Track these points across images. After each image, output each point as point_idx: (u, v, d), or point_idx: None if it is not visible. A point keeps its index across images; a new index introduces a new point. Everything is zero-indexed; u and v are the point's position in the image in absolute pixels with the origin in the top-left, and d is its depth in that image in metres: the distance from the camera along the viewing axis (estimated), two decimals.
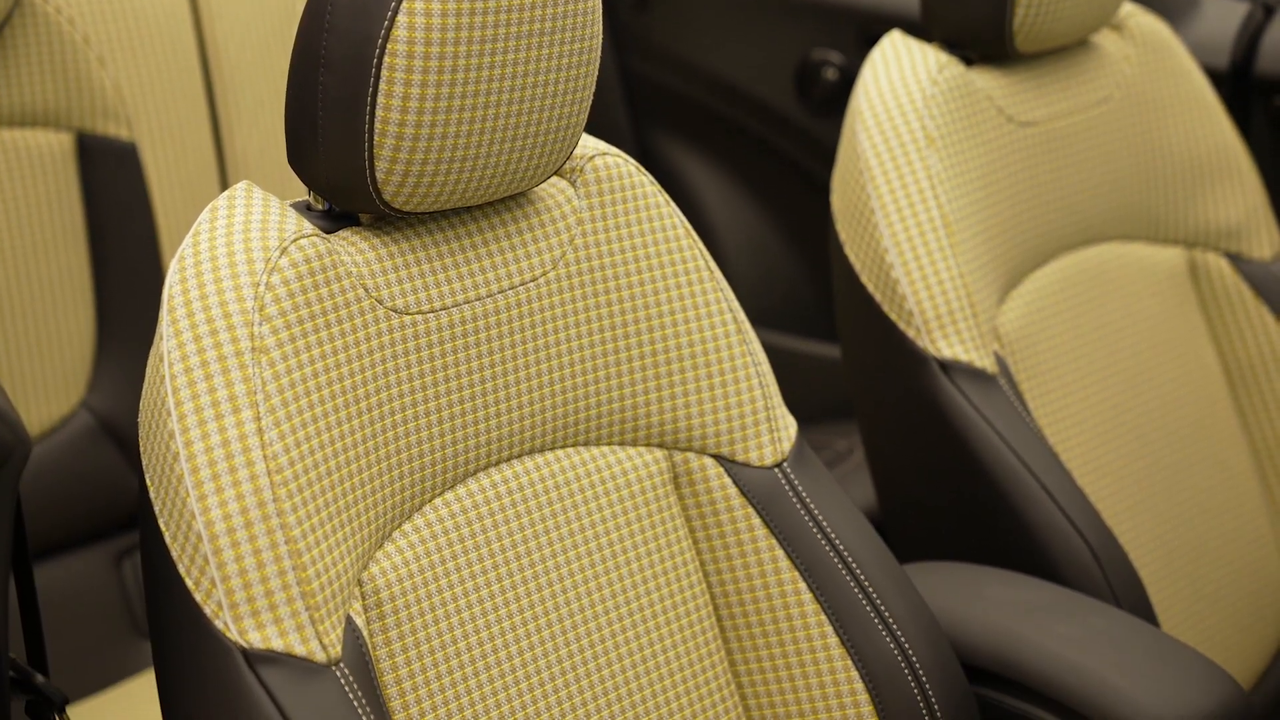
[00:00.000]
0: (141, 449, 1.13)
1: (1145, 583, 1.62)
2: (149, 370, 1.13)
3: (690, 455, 1.32)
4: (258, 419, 1.10)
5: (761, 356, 1.36)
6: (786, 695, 1.32)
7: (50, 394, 1.88)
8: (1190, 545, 1.72)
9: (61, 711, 1.22)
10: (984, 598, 1.46)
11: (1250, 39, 2.15)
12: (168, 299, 1.13)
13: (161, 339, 1.12)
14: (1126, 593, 1.54)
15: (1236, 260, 1.81)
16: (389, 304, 1.19)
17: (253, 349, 1.12)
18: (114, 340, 1.91)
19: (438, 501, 1.22)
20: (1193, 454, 1.75)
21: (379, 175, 1.16)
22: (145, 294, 1.88)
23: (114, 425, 1.89)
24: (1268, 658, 1.78)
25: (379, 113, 1.14)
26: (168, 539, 1.10)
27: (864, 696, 1.30)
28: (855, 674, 1.30)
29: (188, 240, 1.16)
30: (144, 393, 1.14)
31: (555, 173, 1.27)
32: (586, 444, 1.29)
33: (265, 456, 1.10)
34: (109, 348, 1.90)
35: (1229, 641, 1.72)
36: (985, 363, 1.59)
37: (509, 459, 1.25)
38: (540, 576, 1.24)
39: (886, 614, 1.32)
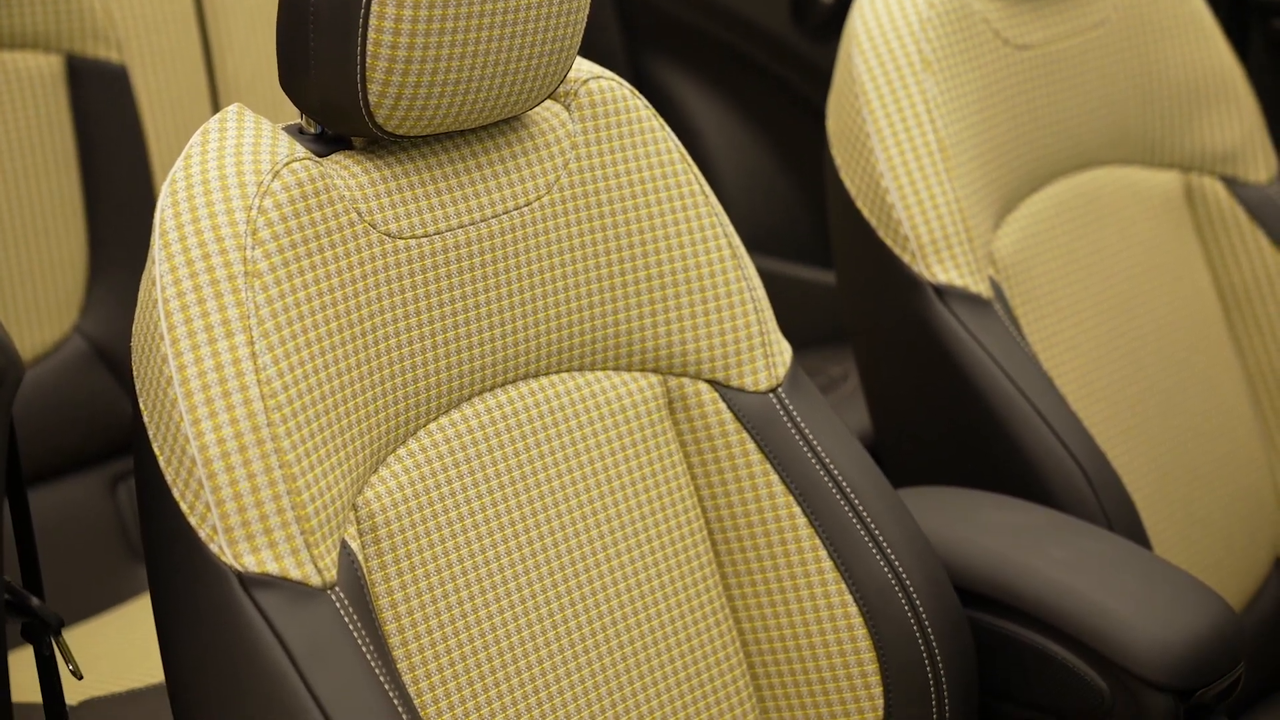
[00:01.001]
0: (134, 373, 1.13)
1: (1138, 506, 1.62)
2: (141, 294, 1.13)
3: (685, 380, 1.32)
4: (251, 343, 1.10)
5: (756, 282, 1.36)
6: (780, 619, 1.32)
7: (43, 319, 1.87)
8: (1183, 469, 1.72)
9: (58, 634, 1.23)
10: (977, 521, 1.46)
11: None
12: (159, 222, 1.13)
13: (153, 263, 1.12)
14: (1119, 516, 1.54)
15: (1232, 184, 1.81)
16: (382, 228, 1.18)
17: (245, 273, 1.11)
18: (106, 264, 1.90)
19: (432, 426, 1.22)
20: (1186, 378, 1.75)
21: (371, 98, 1.15)
22: (137, 217, 1.87)
23: (107, 350, 1.89)
24: (1259, 580, 1.79)
25: (371, 34, 1.13)
26: (162, 463, 1.10)
27: (858, 620, 1.31)
28: (849, 598, 1.31)
29: (179, 163, 1.15)
30: (136, 317, 1.14)
31: (549, 96, 1.26)
32: (581, 369, 1.29)
33: (259, 381, 1.10)
34: (101, 272, 1.90)
35: (1221, 564, 1.73)
36: (980, 288, 1.58)
37: (504, 384, 1.25)
38: (535, 501, 1.24)
39: (881, 538, 1.32)
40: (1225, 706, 1.37)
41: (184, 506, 1.10)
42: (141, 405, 1.12)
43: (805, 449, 1.33)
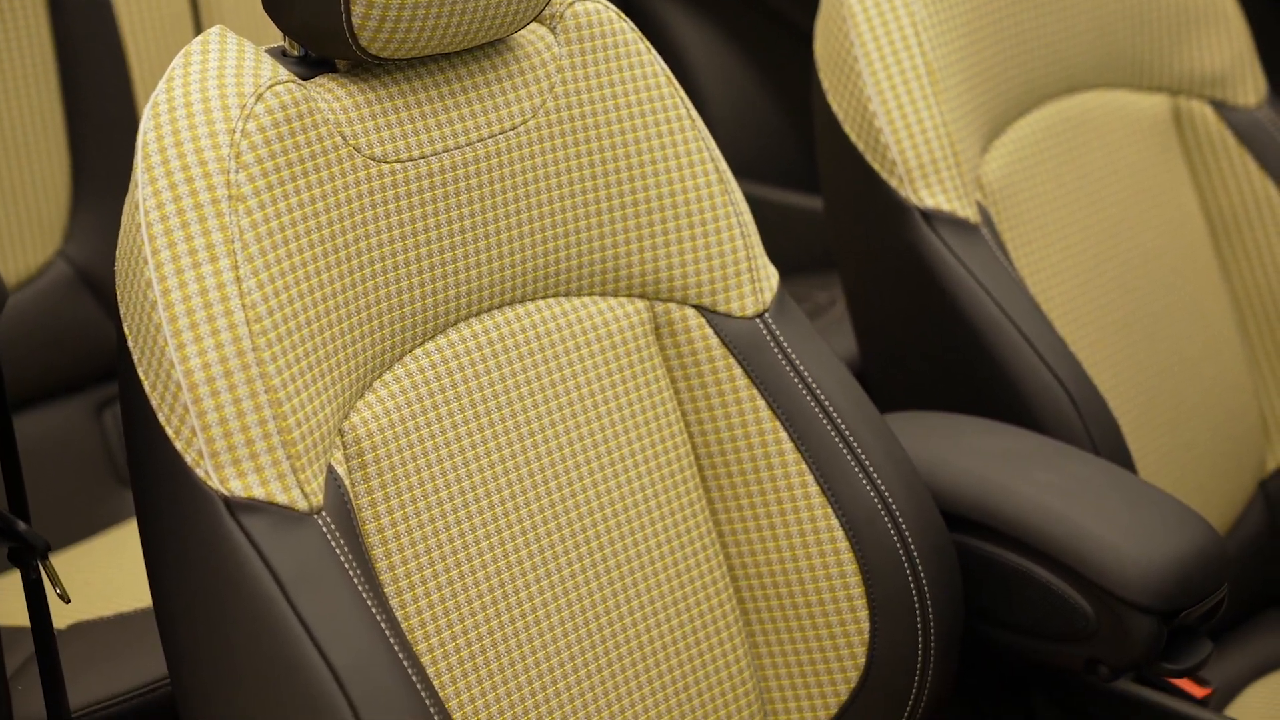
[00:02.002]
0: (119, 298, 1.13)
1: (1124, 430, 1.62)
2: (125, 218, 1.13)
3: (672, 306, 1.32)
4: (235, 268, 1.10)
5: (743, 206, 1.35)
6: (767, 543, 1.32)
7: (26, 243, 1.86)
8: (1169, 393, 1.72)
9: (44, 558, 1.23)
10: (963, 446, 1.46)
11: None
12: (142, 146, 1.12)
13: (136, 186, 1.11)
14: (1105, 440, 1.55)
15: (1221, 107, 1.80)
16: (367, 152, 1.18)
17: (229, 197, 1.11)
18: (90, 188, 1.89)
19: (418, 351, 1.21)
20: (1173, 303, 1.75)
21: (355, 20, 1.14)
22: (120, 141, 1.86)
23: (91, 275, 1.89)
24: (1243, 503, 1.80)
25: None
26: (147, 388, 1.10)
27: (844, 544, 1.31)
28: (835, 522, 1.31)
29: (161, 86, 1.14)
30: (120, 241, 1.13)
31: (535, 19, 1.25)
32: (568, 294, 1.29)
33: (244, 305, 1.10)
34: (85, 196, 1.89)
35: (1206, 488, 1.74)
36: (968, 212, 1.58)
37: (490, 309, 1.25)
38: (521, 426, 1.24)
39: (866, 462, 1.32)
40: (1208, 628, 1.38)
41: (170, 431, 1.09)
42: (126, 330, 1.12)
43: (792, 374, 1.33)
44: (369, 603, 1.09)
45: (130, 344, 1.11)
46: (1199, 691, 1.48)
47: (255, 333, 1.09)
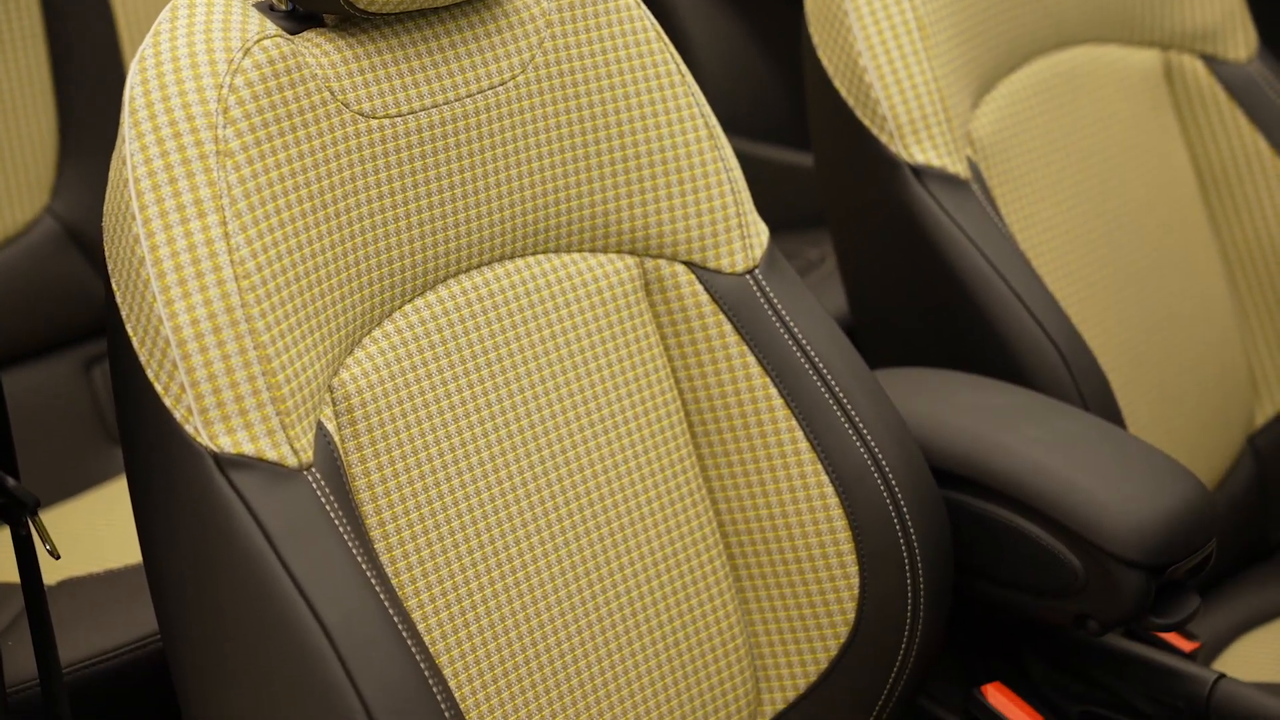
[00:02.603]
0: (106, 254, 1.12)
1: (1113, 386, 1.63)
2: (112, 174, 1.12)
3: (662, 262, 1.32)
4: (224, 223, 1.09)
5: (733, 162, 1.35)
6: (757, 499, 1.33)
7: (13, 200, 1.86)
8: (1158, 349, 1.73)
9: (34, 514, 1.23)
10: (953, 402, 1.47)
11: None
12: (128, 101, 1.11)
13: (123, 141, 1.11)
14: (1094, 396, 1.55)
15: (1212, 62, 1.80)
16: (355, 107, 1.17)
17: (217, 152, 1.10)
18: (76, 144, 1.88)
19: (408, 308, 1.21)
20: (1163, 259, 1.75)
21: None
22: (107, 96, 1.85)
23: (79, 231, 1.88)
24: (1231, 458, 1.80)
25: None
26: (135, 344, 1.10)
27: (833, 500, 1.31)
28: (825, 478, 1.31)
29: (148, 41, 1.14)
30: (107, 196, 1.13)
31: None
32: (557, 250, 1.28)
33: (232, 261, 1.09)
34: (71, 152, 1.88)
35: (1194, 443, 1.74)
36: (958, 168, 1.58)
37: (479, 265, 1.25)
38: (511, 383, 1.24)
39: (856, 418, 1.32)
40: (1196, 583, 1.38)
41: (159, 388, 1.09)
42: (114, 286, 1.11)
43: (782, 331, 1.33)
44: (359, 558, 1.09)
45: (118, 300, 1.11)
46: (1187, 645, 1.48)
47: (244, 289, 1.09)
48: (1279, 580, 1.82)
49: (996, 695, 1.42)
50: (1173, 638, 1.48)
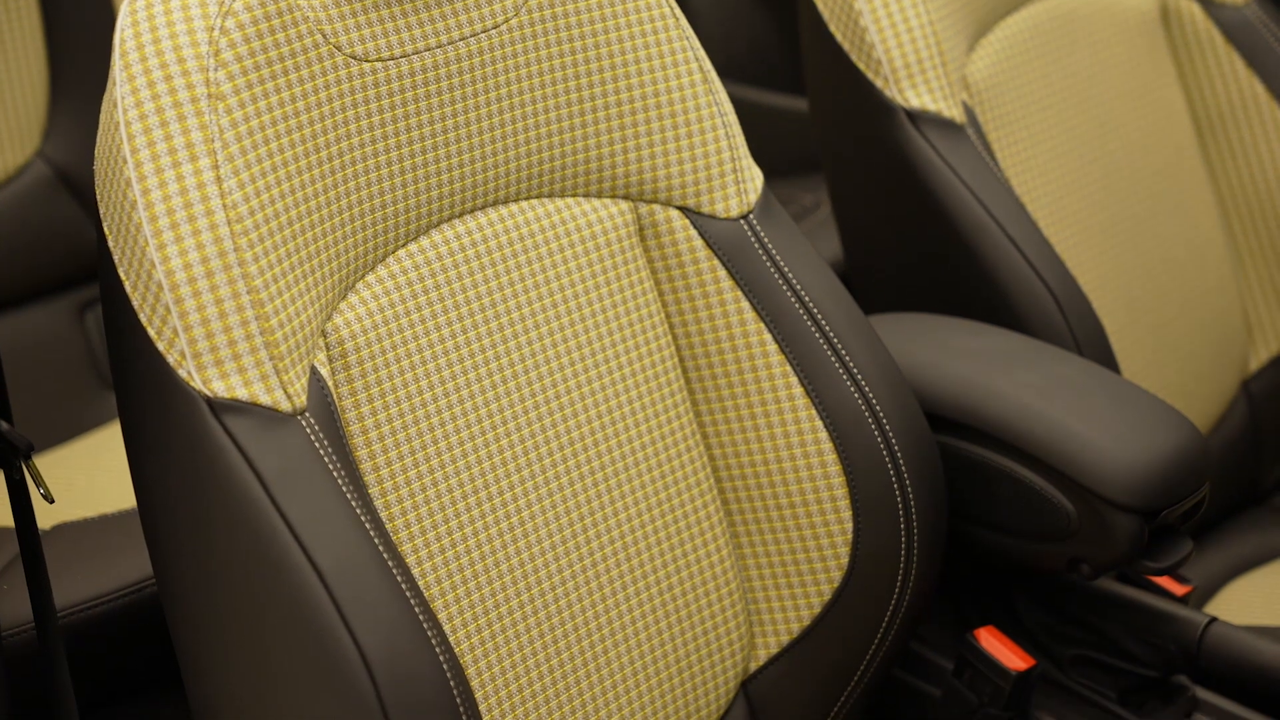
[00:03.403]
0: (98, 198, 1.12)
1: (1108, 331, 1.63)
2: (103, 117, 1.11)
3: (656, 207, 1.31)
4: (216, 167, 1.09)
5: (728, 107, 1.34)
6: (751, 445, 1.33)
7: (4, 144, 1.85)
8: (1153, 294, 1.73)
9: (28, 458, 1.23)
10: (947, 347, 1.46)
11: None
12: (119, 43, 1.11)
13: (114, 84, 1.10)
14: (1089, 341, 1.55)
15: (1209, 5, 1.79)
16: (348, 50, 1.16)
17: (208, 95, 1.09)
18: (68, 88, 1.88)
19: (401, 253, 1.21)
20: (1158, 203, 1.75)
21: None
22: (98, 40, 1.84)
23: (71, 175, 1.87)
24: (1225, 403, 1.81)
25: None
26: (128, 288, 1.10)
27: (828, 445, 1.31)
28: (819, 423, 1.31)
29: None
30: (98, 140, 1.12)
31: None
32: (551, 195, 1.28)
33: (225, 205, 1.09)
34: (63, 96, 1.87)
35: (1188, 388, 1.74)
36: (953, 112, 1.57)
37: (473, 210, 1.24)
38: (506, 328, 1.24)
39: (850, 363, 1.32)
40: (1188, 527, 1.38)
41: (151, 332, 1.09)
42: (106, 230, 1.11)
43: (776, 276, 1.32)
44: (353, 503, 1.09)
45: (111, 244, 1.11)
46: (1179, 589, 1.49)
47: (236, 233, 1.09)
48: (1271, 525, 1.82)
49: (989, 639, 1.42)
50: (1165, 581, 1.49)
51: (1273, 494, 1.87)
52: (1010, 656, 1.41)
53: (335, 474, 1.10)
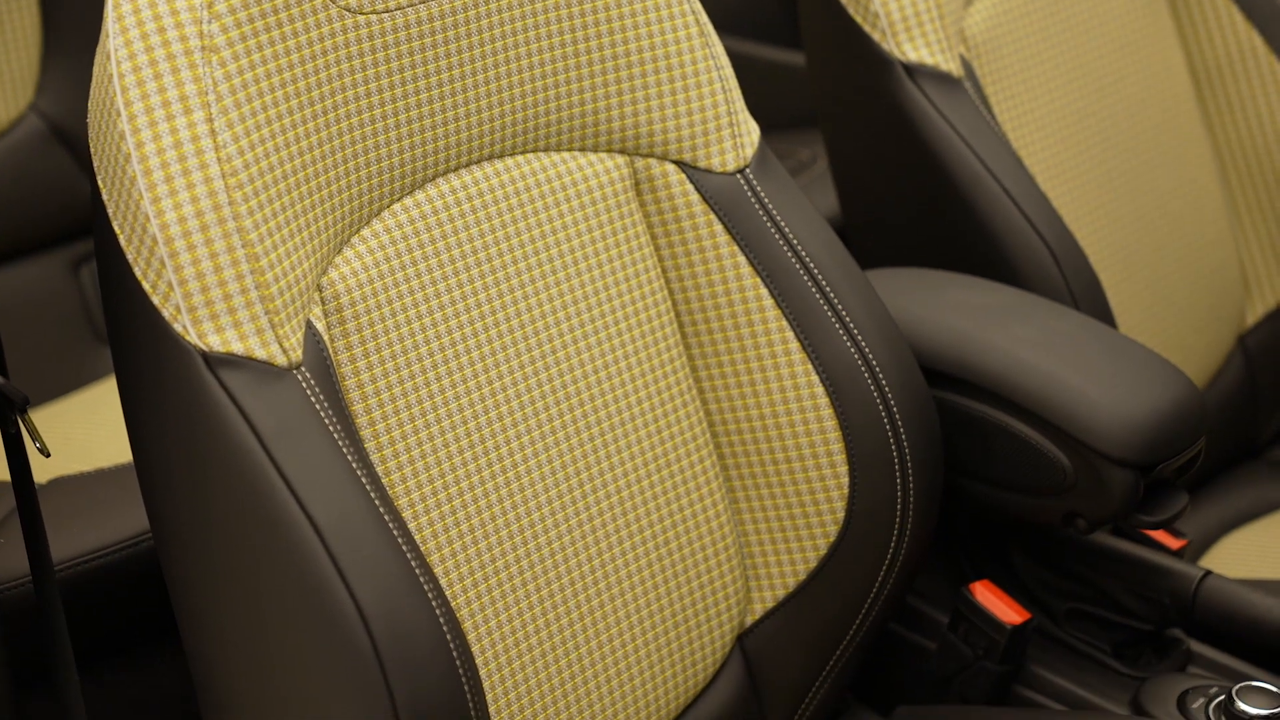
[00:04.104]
0: (92, 151, 1.11)
1: (1104, 285, 1.63)
2: (96, 69, 1.11)
3: (652, 161, 1.31)
4: (210, 120, 1.08)
5: (724, 61, 1.34)
6: (748, 399, 1.33)
7: None
8: (1149, 248, 1.72)
9: (23, 412, 1.23)
10: (943, 301, 1.46)
11: None
12: None
13: (108, 37, 1.09)
14: (1085, 295, 1.55)
15: None
16: (342, 2, 1.16)
17: (202, 48, 1.09)
18: (61, 40, 1.87)
19: (396, 207, 1.20)
20: (1156, 157, 1.74)
21: None
22: None
23: (64, 129, 1.87)
24: (1222, 357, 1.81)
25: None
26: (123, 242, 1.09)
27: (824, 400, 1.31)
28: (815, 377, 1.31)
29: None
30: (92, 93, 1.12)
31: None
32: (547, 149, 1.28)
33: (219, 159, 1.08)
34: (56, 48, 1.87)
35: (1185, 342, 1.74)
36: (950, 66, 1.57)
37: (468, 164, 1.24)
38: (501, 282, 1.23)
39: (847, 318, 1.32)
40: (1184, 481, 1.39)
41: (146, 286, 1.09)
42: (100, 184, 1.11)
43: (772, 230, 1.32)
44: (349, 457, 1.09)
45: (105, 198, 1.10)
46: (1175, 543, 1.49)
47: (231, 186, 1.08)
48: (1267, 479, 1.83)
49: (984, 593, 1.43)
50: (1160, 535, 1.49)
51: (1268, 448, 1.88)
52: (1005, 610, 1.42)
53: (331, 429, 1.10)
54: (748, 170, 1.33)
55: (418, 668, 1.06)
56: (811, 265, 1.32)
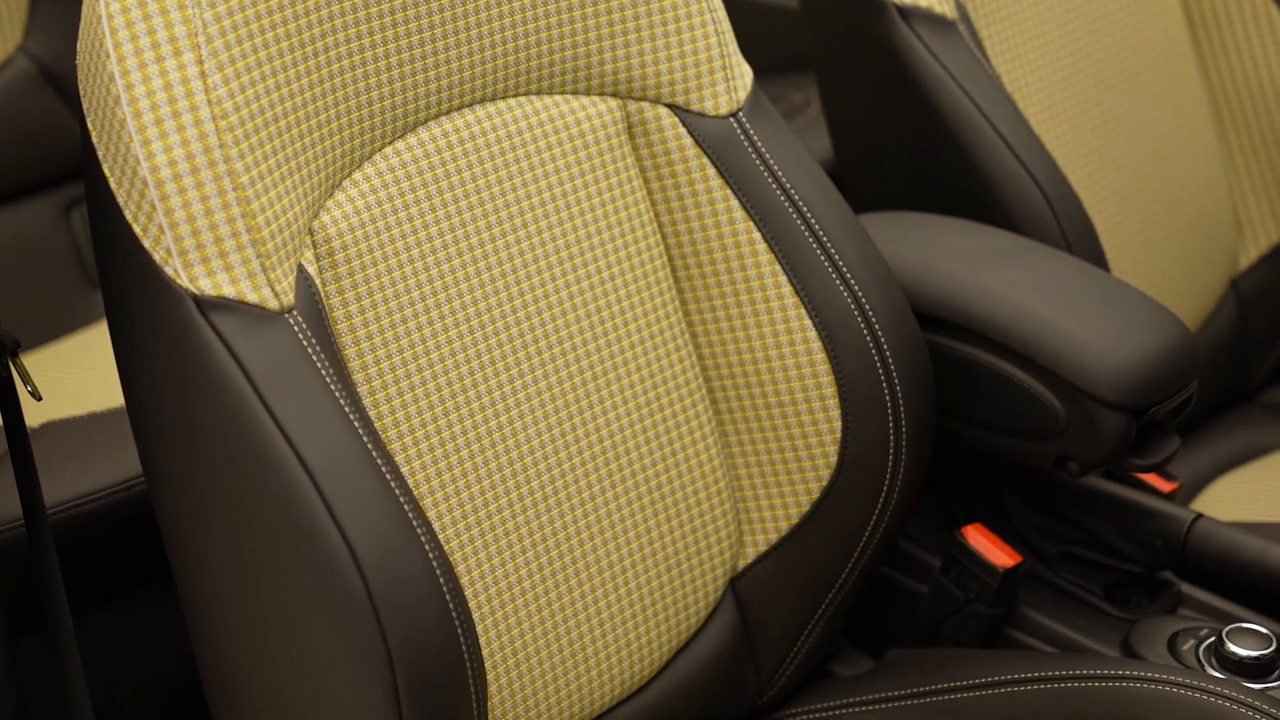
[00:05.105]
0: (81, 93, 1.11)
1: (1097, 229, 1.62)
2: (85, 10, 1.10)
3: (645, 105, 1.30)
4: (200, 62, 1.08)
5: (717, 3, 1.33)
6: (740, 344, 1.33)
7: None
8: (1143, 191, 1.72)
9: (14, 355, 1.22)
10: (937, 245, 1.46)
11: None
12: None
13: None
14: (1078, 239, 1.55)
15: None
16: None
17: None
18: None
19: (388, 150, 1.20)
20: (1150, 100, 1.74)
21: None
22: None
23: (54, 70, 1.86)
24: (1214, 301, 1.81)
25: None
26: (113, 185, 1.09)
27: (817, 344, 1.31)
28: (808, 321, 1.31)
29: None
30: (80, 34, 1.11)
31: None
32: (539, 93, 1.27)
33: (209, 101, 1.08)
34: None
35: (1177, 286, 1.74)
36: (945, 9, 1.56)
37: (460, 107, 1.23)
38: (494, 226, 1.23)
39: (840, 262, 1.32)
40: (1176, 424, 1.39)
41: (137, 229, 1.08)
42: (90, 126, 1.10)
43: (765, 173, 1.32)
44: (341, 401, 1.09)
45: (94, 140, 1.10)
46: (1166, 486, 1.50)
47: (221, 128, 1.08)
48: (1258, 422, 1.83)
49: (976, 536, 1.43)
50: (1152, 479, 1.50)
51: (1260, 391, 1.88)
52: (997, 553, 1.42)
53: (324, 373, 1.09)
54: (741, 113, 1.33)
55: (411, 612, 1.06)
56: (804, 209, 1.32)
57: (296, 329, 1.10)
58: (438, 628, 1.07)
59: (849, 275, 1.32)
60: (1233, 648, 1.32)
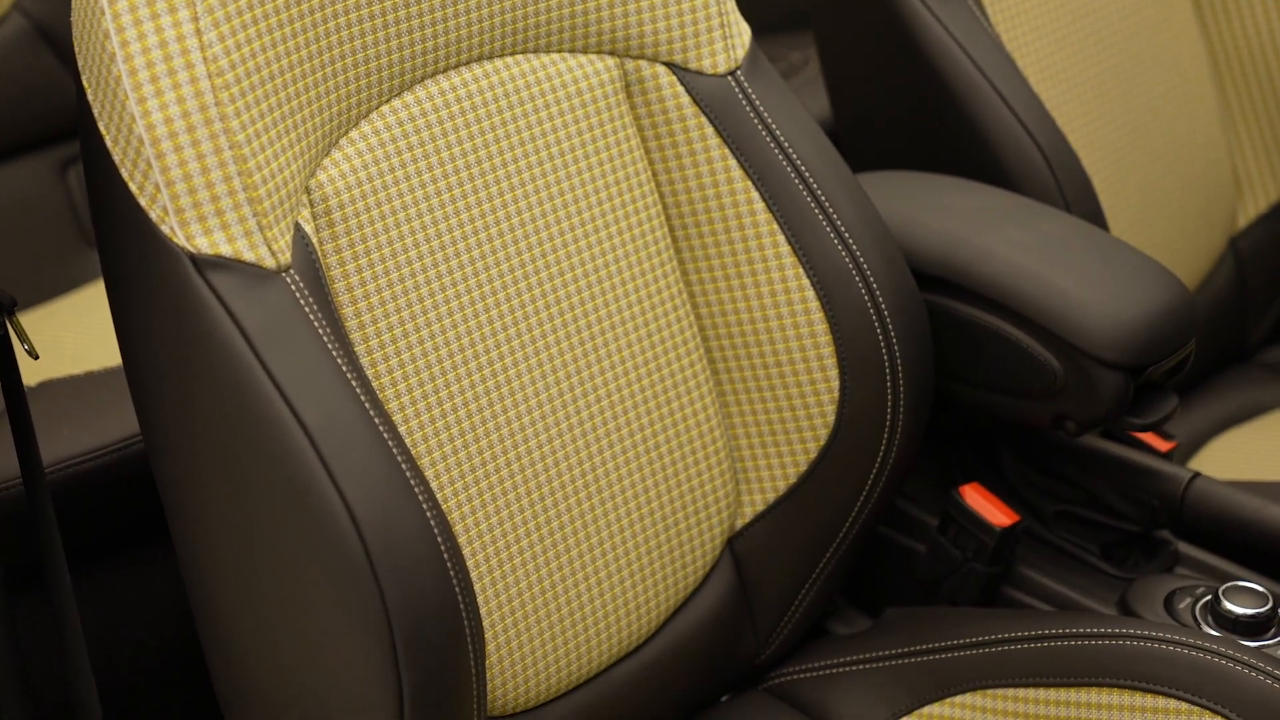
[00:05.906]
0: (76, 51, 1.10)
1: (1096, 188, 1.62)
2: None
3: (642, 63, 1.30)
4: (195, 19, 1.07)
5: None
6: (739, 303, 1.33)
7: None
8: (1142, 151, 1.72)
9: (11, 314, 1.22)
10: (935, 204, 1.46)
11: None
12: None
13: None
14: (1077, 198, 1.54)
15: None
16: None
17: None
18: None
19: (385, 109, 1.20)
20: (1149, 59, 1.73)
21: None
22: None
23: (49, 28, 1.85)
24: (1213, 260, 1.81)
25: None
26: (109, 143, 1.08)
27: (815, 304, 1.31)
28: (806, 281, 1.31)
29: None
30: None
31: None
32: (536, 51, 1.27)
33: (205, 58, 1.07)
34: None
35: (1176, 245, 1.74)
36: None
37: (457, 65, 1.23)
38: (491, 185, 1.23)
39: (838, 221, 1.32)
40: (1174, 383, 1.39)
41: (133, 188, 1.08)
42: (85, 84, 1.10)
43: (764, 133, 1.31)
44: (339, 360, 1.09)
45: (90, 98, 1.09)
46: (1164, 445, 1.50)
47: (217, 86, 1.07)
48: (1256, 381, 1.83)
49: (973, 495, 1.43)
50: (1149, 438, 1.50)
51: (1258, 351, 1.88)
52: (994, 512, 1.42)
53: (321, 331, 1.09)
54: (739, 72, 1.32)
55: (409, 571, 1.06)
56: (803, 168, 1.32)
57: (293, 287, 1.09)
58: (435, 587, 1.07)
59: (847, 235, 1.32)
60: (1229, 606, 1.33)
